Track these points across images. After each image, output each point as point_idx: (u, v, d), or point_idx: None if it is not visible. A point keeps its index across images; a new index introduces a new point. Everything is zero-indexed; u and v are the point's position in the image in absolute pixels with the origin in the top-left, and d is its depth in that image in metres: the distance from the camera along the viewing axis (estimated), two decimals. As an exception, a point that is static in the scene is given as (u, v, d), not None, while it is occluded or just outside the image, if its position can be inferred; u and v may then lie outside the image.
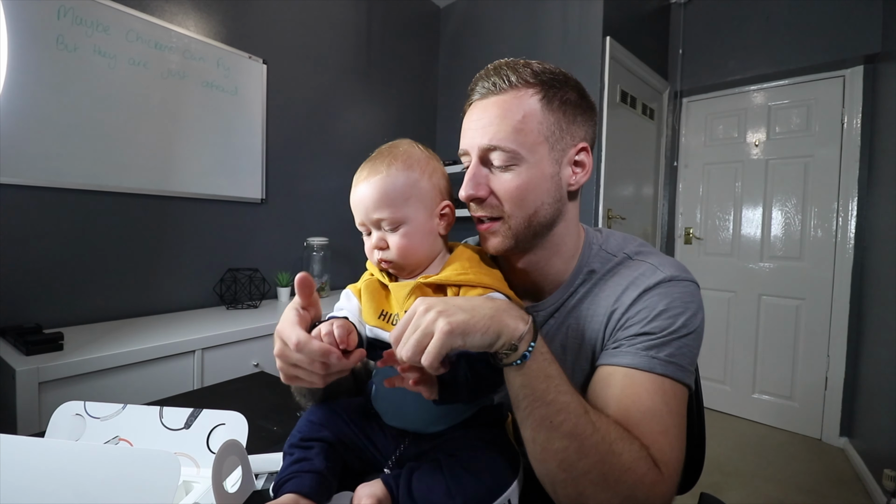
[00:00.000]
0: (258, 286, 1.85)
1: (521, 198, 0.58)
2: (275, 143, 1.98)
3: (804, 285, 2.37)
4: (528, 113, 0.57)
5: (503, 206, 0.59)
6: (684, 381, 0.54)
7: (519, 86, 0.58)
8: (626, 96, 2.33)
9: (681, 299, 0.56)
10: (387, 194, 0.56)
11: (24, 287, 1.33)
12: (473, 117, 0.60)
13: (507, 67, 0.59)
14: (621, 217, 2.33)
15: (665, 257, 0.62)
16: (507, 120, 0.57)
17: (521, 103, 0.58)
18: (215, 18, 1.77)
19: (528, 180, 0.58)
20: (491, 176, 0.59)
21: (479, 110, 0.59)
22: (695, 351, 0.56)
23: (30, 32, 1.30)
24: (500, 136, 0.57)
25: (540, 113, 0.58)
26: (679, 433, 0.51)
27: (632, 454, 0.45)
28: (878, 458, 1.80)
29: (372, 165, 0.58)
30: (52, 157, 1.36)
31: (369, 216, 0.57)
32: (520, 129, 0.57)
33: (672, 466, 0.48)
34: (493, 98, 0.58)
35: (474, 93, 0.61)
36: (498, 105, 0.58)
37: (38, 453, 0.41)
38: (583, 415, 0.46)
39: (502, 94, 0.58)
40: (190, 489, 0.52)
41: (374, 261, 0.60)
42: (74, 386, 1.09)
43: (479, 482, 0.48)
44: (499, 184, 0.58)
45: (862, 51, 2.12)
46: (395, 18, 2.54)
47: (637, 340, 0.55)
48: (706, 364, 2.64)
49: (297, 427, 0.56)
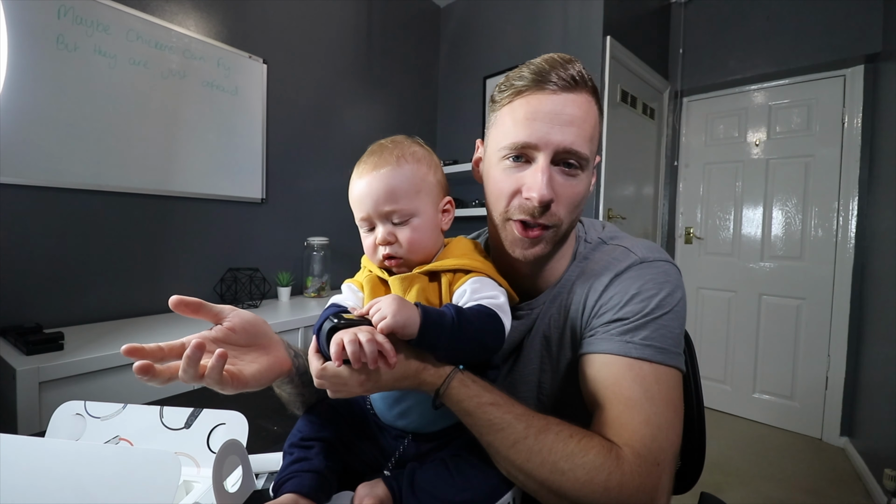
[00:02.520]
0: (258, 286, 1.85)
1: (577, 207, 0.57)
2: (275, 142, 1.98)
3: (805, 285, 2.37)
4: (595, 122, 0.55)
5: (561, 215, 0.56)
6: (667, 363, 0.51)
7: (584, 88, 0.54)
8: (627, 96, 2.33)
9: (653, 280, 0.55)
10: (399, 186, 0.55)
11: (24, 287, 1.33)
12: (547, 108, 0.53)
13: (575, 63, 0.55)
14: (622, 216, 2.33)
15: (639, 240, 0.62)
16: (587, 123, 0.54)
17: (591, 109, 0.55)
18: (215, 18, 1.76)
19: (586, 189, 0.57)
20: (559, 179, 0.55)
21: (554, 102, 0.53)
22: (675, 331, 0.54)
23: (30, 32, 1.30)
24: (582, 139, 0.53)
25: (599, 124, 0.57)
26: (665, 420, 0.49)
27: (585, 467, 0.44)
28: (878, 457, 1.80)
29: (378, 158, 0.56)
30: (52, 157, 1.36)
31: (379, 209, 0.55)
32: (591, 137, 0.55)
33: (654, 457, 0.46)
34: (572, 95, 0.53)
35: (540, 79, 0.54)
36: (577, 105, 0.53)
37: (39, 453, 0.41)
38: (511, 446, 0.46)
39: (578, 94, 0.54)
40: (190, 489, 0.52)
41: (377, 258, 0.57)
42: (75, 385, 1.09)
43: (484, 480, 0.48)
44: (565, 191, 0.55)
45: (862, 50, 2.11)
46: (395, 18, 2.53)
47: (611, 327, 0.54)
48: (706, 364, 2.64)
49: (297, 426, 0.56)
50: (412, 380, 0.48)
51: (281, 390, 0.60)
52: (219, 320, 0.50)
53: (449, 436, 0.55)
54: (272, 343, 0.55)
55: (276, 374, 0.54)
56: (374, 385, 0.46)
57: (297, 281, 2.08)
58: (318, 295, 2.04)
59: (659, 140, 2.75)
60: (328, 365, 0.45)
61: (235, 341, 0.51)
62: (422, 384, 0.48)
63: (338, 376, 0.45)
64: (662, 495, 0.46)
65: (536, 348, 0.63)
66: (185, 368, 0.43)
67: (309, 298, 2.02)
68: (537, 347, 0.63)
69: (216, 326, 0.51)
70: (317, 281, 2.06)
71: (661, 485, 0.46)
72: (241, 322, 0.52)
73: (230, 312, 0.52)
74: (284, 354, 0.56)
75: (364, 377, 0.45)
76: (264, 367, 0.52)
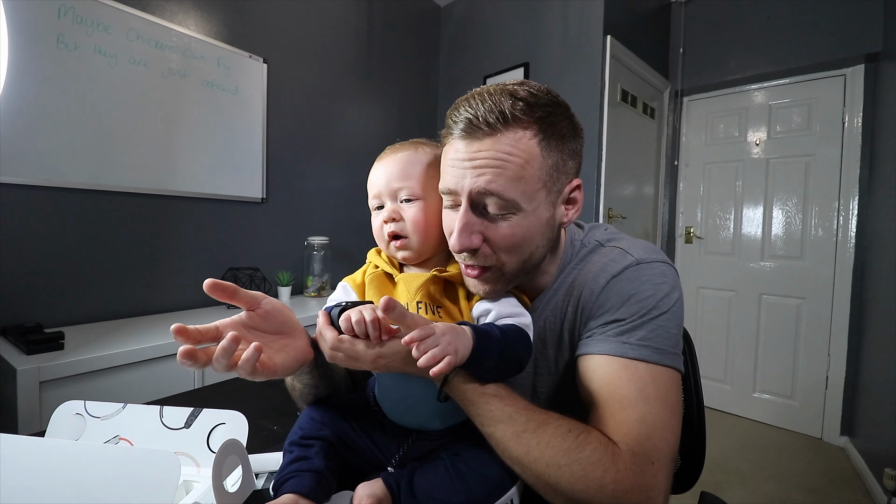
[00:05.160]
0: (259, 285, 1.85)
1: (517, 246, 0.54)
2: (275, 142, 1.98)
3: (805, 284, 2.37)
4: (528, 159, 0.51)
5: (498, 256, 0.54)
6: (664, 363, 0.52)
7: (514, 125, 0.51)
8: (627, 95, 2.33)
9: (650, 281, 0.55)
10: (412, 167, 0.59)
11: (24, 286, 1.33)
12: (463, 155, 0.52)
13: (497, 100, 0.51)
14: (622, 216, 2.33)
15: (637, 241, 0.61)
16: (507, 166, 0.50)
17: (518, 147, 0.51)
18: (216, 18, 1.76)
19: (526, 229, 0.54)
20: (484, 223, 0.54)
21: (470, 148, 0.52)
22: (672, 331, 0.54)
23: (30, 32, 1.30)
24: (499, 183, 0.51)
25: (539, 157, 0.52)
26: (661, 419, 0.49)
27: (581, 463, 0.44)
28: (878, 457, 1.80)
29: (398, 146, 0.61)
30: (52, 157, 1.36)
31: (390, 185, 0.58)
32: (520, 178, 0.51)
33: (649, 455, 0.46)
34: (488, 139, 0.51)
35: (461, 126, 0.52)
36: (495, 147, 0.51)
37: (39, 453, 0.41)
38: (511, 438, 0.47)
39: (497, 135, 0.51)
40: (190, 489, 0.52)
41: (383, 235, 0.59)
42: (75, 385, 1.09)
43: (482, 481, 0.48)
44: (493, 233, 0.54)
45: (863, 50, 2.11)
46: (395, 18, 2.53)
47: (608, 328, 0.54)
48: (706, 363, 2.64)
49: (298, 423, 0.56)
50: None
51: (297, 381, 0.60)
52: (252, 306, 0.50)
53: (452, 435, 0.55)
54: (297, 331, 0.55)
55: (301, 363, 0.54)
56: (386, 362, 0.48)
57: (298, 280, 2.08)
58: (318, 294, 2.05)
59: (659, 140, 2.75)
60: (343, 337, 0.48)
61: (265, 328, 0.51)
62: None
63: (353, 349, 0.48)
64: (659, 494, 0.46)
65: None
66: (219, 359, 0.43)
67: (309, 298, 2.02)
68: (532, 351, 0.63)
69: (247, 312, 0.50)
70: (317, 280, 2.06)
71: (657, 484, 0.46)
72: (272, 309, 0.52)
73: (262, 299, 0.51)
74: (307, 343, 0.55)
75: (377, 352, 0.47)
76: (292, 355, 0.52)
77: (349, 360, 0.49)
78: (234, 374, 0.46)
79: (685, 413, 0.77)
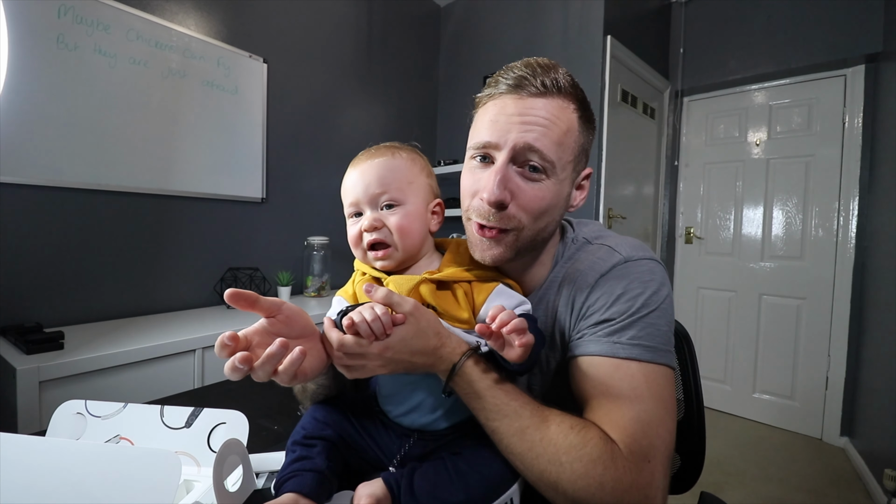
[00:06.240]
0: (259, 285, 1.85)
1: (543, 211, 0.55)
2: (275, 142, 1.98)
3: (805, 285, 2.37)
4: (569, 129, 0.54)
5: (521, 218, 0.55)
6: (656, 361, 0.51)
7: (562, 95, 0.54)
8: (627, 95, 2.33)
9: (639, 279, 0.55)
10: (391, 173, 0.57)
11: (24, 286, 1.33)
12: (512, 110, 0.54)
13: (552, 70, 0.55)
14: (622, 216, 2.33)
15: (624, 238, 0.61)
16: (553, 128, 0.53)
17: (564, 115, 0.54)
18: (216, 17, 1.76)
19: (553, 196, 0.55)
20: (516, 182, 0.54)
21: (520, 105, 0.54)
22: (662, 328, 0.53)
23: (30, 31, 1.30)
24: (544, 142, 0.53)
25: (577, 131, 0.56)
26: (655, 417, 0.48)
27: (582, 460, 0.44)
28: (878, 457, 1.80)
29: (374, 152, 0.59)
30: (52, 157, 1.36)
31: (369, 192, 0.57)
32: (560, 143, 0.54)
33: (645, 453, 0.46)
34: (541, 100, 0.54)
35: (512, 83, 0.54)
36: (546, 108, 0.53)
37: (39, 452, 0.41)
38: (515, 434, 0.48)
39: (549, 98, 0.54)
40: (191, 488, 0.52)
41: (363, 245, 0.58)
42: (75, 385, 1.09)
43: (482, 479, 0.48)
44: (524, 194, 0.54)
45: (863, 50, 2.11)
46: (395, 18, 2.53)
47: (599, 328, 0.54)
48: (706, 364, 2.64)
49: (301, 423, 0.56)
50: (430, 356, 0.50)
51: (312, 381, 0.60)
52: (272, 313, 0.49)
53: (453, 434, 0.55)
54: (316, 334, 0.54)
55: (326, 364, 0.53)
56: (392, 354, 0.48)
57: (298, 280, 2.08)
58: (318, 294, 2.05)
59: (659, 140, 2.75)
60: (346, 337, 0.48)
61: (287, 334, 0.50)
62: (438, 361, 0.50)
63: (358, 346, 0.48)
64: (657, 492, 0.46)
65: None
66: (264, 365, 0.43)
67: (309, 298, 2.02)
68: None
69: (268, 319, 0.49)
70: (317, 280, 2.06)
71: (654, 481, 0.46)
72: (293, 314, 0.51)
73: (282, 304, 0.50)
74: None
75: (384, 343, 0.48)
76: (317, 357, 0.51)
77: (356, 358, 0.49)
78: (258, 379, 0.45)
79: (685, 413, 0.77)
